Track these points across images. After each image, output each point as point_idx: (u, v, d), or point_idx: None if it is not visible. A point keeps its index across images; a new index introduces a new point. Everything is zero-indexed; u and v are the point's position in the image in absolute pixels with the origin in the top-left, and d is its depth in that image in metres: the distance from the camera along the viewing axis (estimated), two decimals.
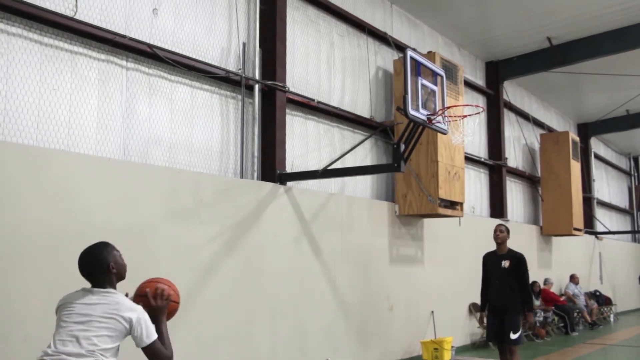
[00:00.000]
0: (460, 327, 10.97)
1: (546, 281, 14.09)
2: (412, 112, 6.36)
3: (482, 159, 12.90)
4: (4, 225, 4.78)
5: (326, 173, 7.69)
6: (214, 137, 7.06)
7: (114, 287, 3.32)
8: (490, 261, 7.37)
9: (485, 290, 7.44)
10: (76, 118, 5.66)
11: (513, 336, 7.01)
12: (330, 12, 9.02)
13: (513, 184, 14.62)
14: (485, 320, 7.47)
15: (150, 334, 3.21)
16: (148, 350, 3.23)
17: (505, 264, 7.12)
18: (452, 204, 9.80)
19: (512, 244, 7.46)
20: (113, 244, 3.43)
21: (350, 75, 9.39)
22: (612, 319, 16.95)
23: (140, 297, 3.43)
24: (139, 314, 3.20)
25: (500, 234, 7.24)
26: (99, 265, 3.29)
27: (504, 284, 7.13)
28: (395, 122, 9.69)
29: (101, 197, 5.45)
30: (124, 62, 6.17)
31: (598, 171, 19.67)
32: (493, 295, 7.29)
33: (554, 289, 14.50)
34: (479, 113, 8.06)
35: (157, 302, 3.40)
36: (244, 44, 7.53)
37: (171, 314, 3.57)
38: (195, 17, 6.97)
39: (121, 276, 3.40)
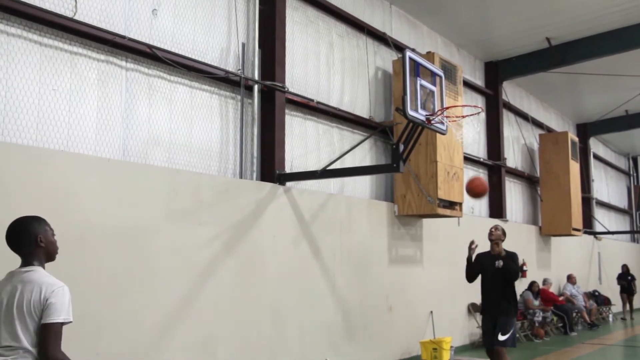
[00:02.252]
0: (459, 327, 10.98)
1: (545, 281, 14.10)
2: (411, 112, 6.37)
3: (481, 159, 12.91)
4: (3, 226, 4.77)
5: (325, 173, 7.69)
6: (214, 137, 7.06)
7: (42, 265, 3.11)
8: (485, 261, 7.15)
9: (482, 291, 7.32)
10: (76, 118, 5.67)
11: (501, 337, 6.80)
12: (330, 13, 9.03)
13: (512, 184, 14.63)
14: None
15: (62, 312, 2.90)
16: (47, 328, 2.88)
17: (500, 264, 6.95)
18: (451, 204, 9.81)
19: (511, 244, 7.44)
20: (46, 220, 3.24)
21: (349, 76, 9.40)
22: (611, 319, 16.97)
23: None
24: (57, 288, 2.94)
25: (495, 232, 7.02)
26: (26, 237, 3.09)
27: (499, 286, 6.98)
28: (394, 122, 9.69)
29: (100, 198, 5.45)
30: (123, 63, 6.18)
31: (597, 171, 19.69)
32: (487, 298, 7.15)
33: (553, 289, 14.51)
34: (478, 113, 8.07)
35: None
36: (243, 45, 7.54)
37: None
38: (194, 18, 6.97)
39: (50, 254, 3.17)
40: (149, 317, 5.73)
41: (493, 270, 7.01)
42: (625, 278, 17.64)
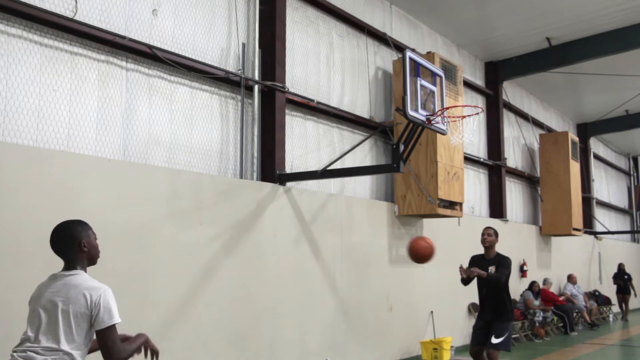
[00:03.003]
0: (459, 327, 10.98)
1: (545, 281, 14.10)
2: (411, 112, 6.38)
3: (482, 159, 12.92)
4: (4, 226, 4.79)
5: (326, 173, 7.70)
6: (214, 137, 7.07)
7: (84, 269, 3.14)
8: (478, 265, 7.03)
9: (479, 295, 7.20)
10: (76, 119, 5.67)
11: (495, 340, 6.70)
12: (330, 13, 9.03)
13: (512, 184, 14.63)
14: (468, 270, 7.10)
15: (113, 315, 2.98)
16: (105, 333, 2.97)
17: (492, 269, 6.85)
18: (452, 204, 9.81)
19: (512, 244, 7.43)
20: (90, 225, 3.26)
21: (349, 76, 9.40)
22: (611, 319, 16.97)
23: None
24: (104, 291, 2.99)
25: (488, 238, 6.96)
26: (70, 241, 3.12)
27: (493, 291, 6.89)
28: (394, 122, 9.70)
29: (101, 198, 5.46)
30: (123, 63, 6.18)
31: (597, 171, 19.68)
32: (483, 302, 7.09)
33: (553, 289, 14.51)
34: (478, 113, 8.07)
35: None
36: (243, 45, 7.54)
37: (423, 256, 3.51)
38: (194, 18, 6.98)
39: (93, 258, 3.21)
40: (149, 316, 5.73)
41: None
42: (621, 277, 17.57)
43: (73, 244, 3.14)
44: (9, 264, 4.79)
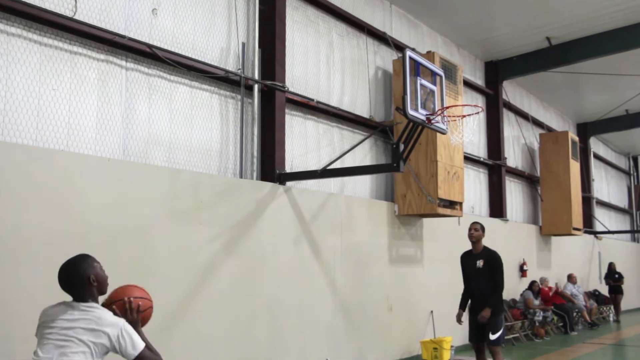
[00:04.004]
0: (459, 326, 10.91)
1: (542, 281, 14.08)
2: (411, 112, 6.37)
3: (482, 159, 12.91)
4: (4, 226, 4.78)
5: (325, 173, 7.69)
6: (214, 137, 7.06)
7: (96, 301, 3.25)
8: (467, 261, 7.29)
9: (466, 290, 7.40)
10: (76, 118, 5.67)
11: (492, 336, 6.90)
12: (330, 12, 9.03)
13: (512, 183, 14.63)
14: (462, 319, 7.37)
15: (136, 344, 3.15)
16: (141, 357, 3.16)
17: (480, 263, 7.01)
18: (452, 204, 9.81)
19: (512, 243, 7.45)
20: (93, 256, 3.37)
21: (349, 75, 9.40)
22: (611, 319, 16.95)
23: (109, 306, 3.31)
24: (122, 327, 3.13)
25: (475, 232, 7.14)
26: (79, 279, 3.21)
27: (482, 285, 7.05)
28: (394, 122, 9.69)
29: (101, 197, 5.45)
30: (123, 62, 6.18)
31: (597, 171, 19.68)
32: (472, 297, 7.24)
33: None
34: (478, 113, 8.07)
35: (130, 316, 3.31)
36: (243, 44, 7.54)
37: (145, 320, 3.45)
38: (194, 17, 6.97)
39: (102, 289, 3.33)
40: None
41: (475, 270, 7.10)
42: (612, 277, 17.42)
43: (83, 282, 3.22)
44: (9, 264, 4.78)
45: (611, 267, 17.72)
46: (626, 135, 19.99)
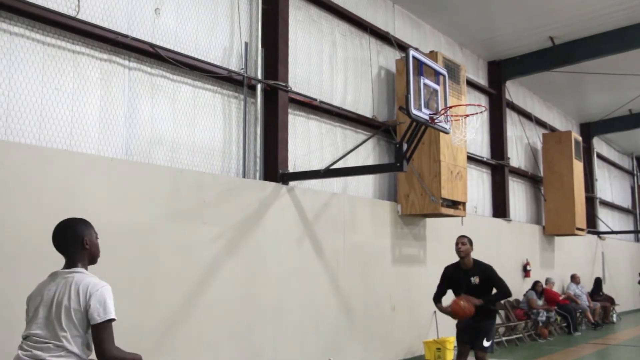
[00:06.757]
0: None
1: (547, 280, 14.06)
2: (414, 111, 6.35)
3: (485, 159, 12.89)
4: (5, 225, 4.78)
5: (328, 173, 7.68)
6: (216, 136, 7.05)
7: (86, 267, 3.14)
8: (454, 276, 6.80)
9: (438, 298, 6.99)
10: (78, 118, 5.66)
11: (486, 343, 6.55)
12: (333, 12, 9.02)
13: (515, 183, 14.60)
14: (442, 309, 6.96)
15: (107, 311, 2.93)
16: (98, 328, 2.92)
17: (476, 280, 6.58)
18: (455, 204, 9.79)
19: (515, 243, 7.40)
20: (92, 224, 3.28)
21: (352, 75, 9.38)
22: (614, 319, 16.91)
23: None
24: (100, 289, 2.96)
25: (463, 247, 6.65)
26: (73, 238, 3.13)
27: (472, 293, 6.57)
28: (397, 121, 9.68)
29: (103, 197, 5.45)
30: (126, 62, 6.17)
31: (600, 171, 19.64)
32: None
33: (555, 289, 14.46)
34: (481, 112, 8.05)
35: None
36: (246, 44, 7.53)
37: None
38: (197, 17, 6.96)
39: (94, 257, 3.20)
40: (151, 316, 5.72)
41: (470, 287, 6.66)
42: (597, 293, 16.46)
43: (76, 241, 3.14)
44: (11, 263, 4.78)
45: (598, 283, 16.82)
46: (629, 135, 19.93)
